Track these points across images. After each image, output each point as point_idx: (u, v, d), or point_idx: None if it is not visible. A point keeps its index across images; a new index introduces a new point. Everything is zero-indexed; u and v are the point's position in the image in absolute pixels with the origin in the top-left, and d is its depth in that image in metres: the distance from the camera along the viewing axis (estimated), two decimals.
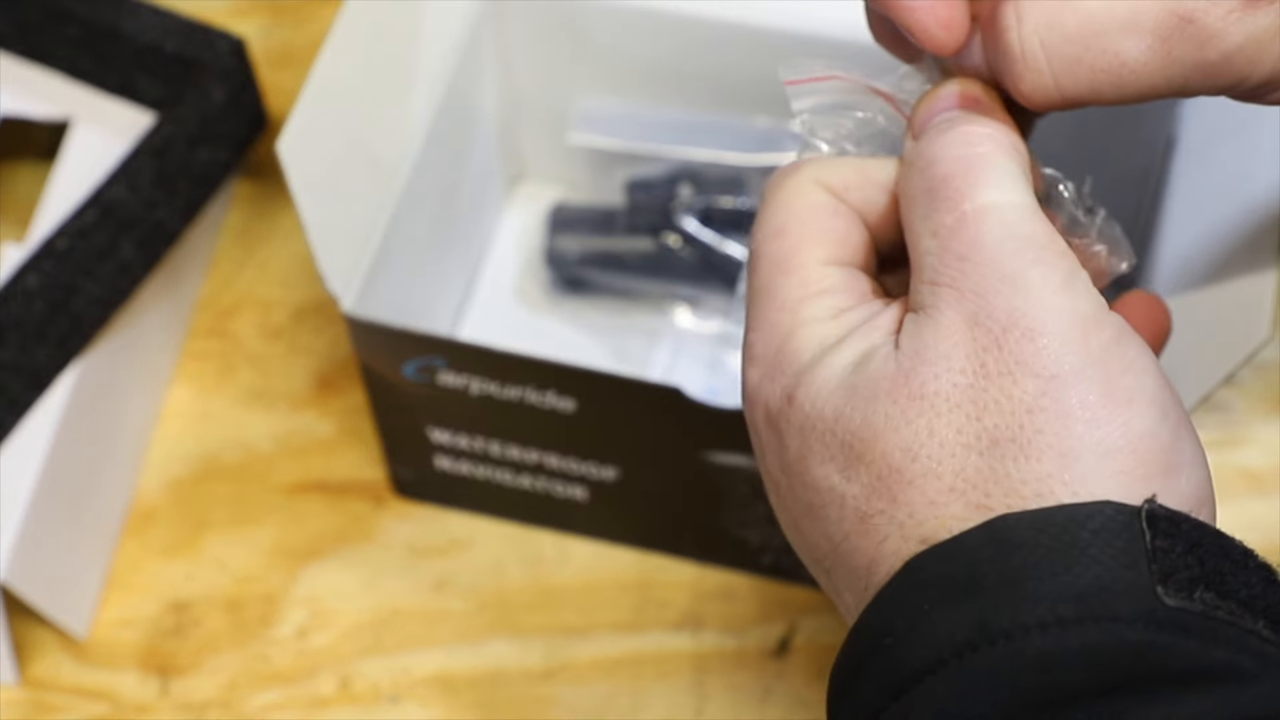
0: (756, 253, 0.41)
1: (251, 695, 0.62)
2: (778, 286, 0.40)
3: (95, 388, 0.63)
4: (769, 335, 0.39)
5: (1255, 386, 0.66)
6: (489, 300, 0.70)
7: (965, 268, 0.37)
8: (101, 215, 0.62)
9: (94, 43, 0.68)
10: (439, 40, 0.63)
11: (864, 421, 0.37)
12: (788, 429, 0.38)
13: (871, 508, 0.36)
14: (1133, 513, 0.34)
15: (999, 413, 0.35)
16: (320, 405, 0.68)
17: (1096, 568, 0.33)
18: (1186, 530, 0.34)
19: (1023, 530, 0.34)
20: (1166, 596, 0.33)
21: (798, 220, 0.40)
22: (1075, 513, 0.34)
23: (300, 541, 0.65)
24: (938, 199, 0.38)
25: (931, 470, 0.36)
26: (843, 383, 0.38)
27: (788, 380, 0.39)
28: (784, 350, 0.39)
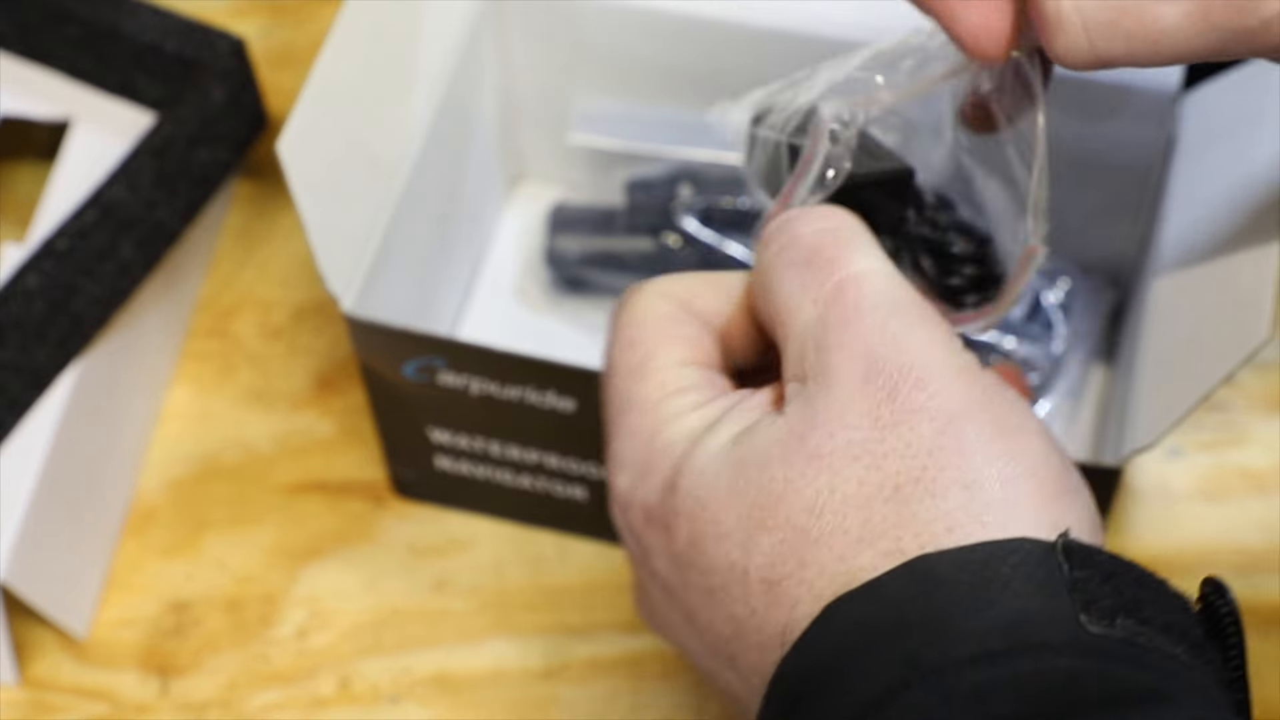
0: (610, 368, 0.42)
1: (251, 695, 0.62)
2: (635, 393, 0.41)
3: (95, 388, 0.63)
4: (633, 440, 0.40)
5: (1255, 386, 0.66)
6: (489, 300, 0.70)
7: (851, 330, 0.37)
8: (101, 215, 0.62)
9: (94, 43, 0.68)
10: (439, 40, 0.63)
11: (760, 489, 0.37)
12: (674, 519, 0.38)
13: (778, 574, 0.36)
14: (1049, 546, 0.35)
15: (899, 458, 0.36)
16: (320, 405, 0.68)
17: (1020, 600, 0.34)
18: (1101, 561, 0.35)
19: (943, 568, 0.34)
20: (1090, 624, 0.34)
21: (649, 329, 0.41)
22: (994, 549, 0.34)
23: (300, 541, 0.65)
24: (812, 268, 0.39)
25: (838, 525, 0.36)
26: (728, 459, 0.38)
27: (665, 473, 0.39)
28: (653, 447, 0.39)
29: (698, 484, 0.38)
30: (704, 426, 0.39)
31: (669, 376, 0.41)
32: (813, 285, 0.39)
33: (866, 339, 0.37)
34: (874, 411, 0.37)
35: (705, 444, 0.39)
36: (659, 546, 0.39)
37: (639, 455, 0.40)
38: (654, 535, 0.39)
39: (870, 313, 0.38)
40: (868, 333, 0.37)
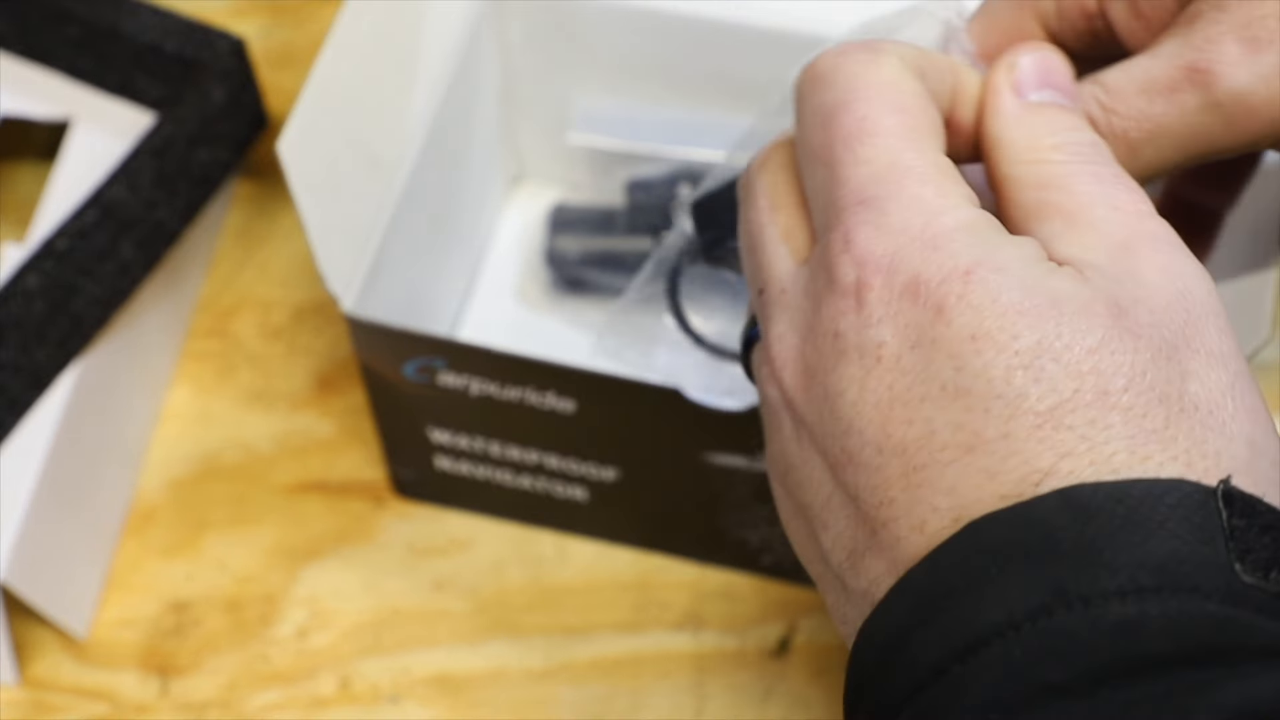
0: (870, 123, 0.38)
1: (251, 695, 0.62)
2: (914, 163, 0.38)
3: (95, 388, 0.63)
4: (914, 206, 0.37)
5: None
6: (489, 300, 0.70)
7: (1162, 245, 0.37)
8: (101, 215, 0.62)
9: (94, 43, 0.68)
10: (439, 40, 0.63)
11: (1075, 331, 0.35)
12: (957, 303, 0.35)
13: (1066, 419, 0.34)
14: (1209, 491, 0.34)
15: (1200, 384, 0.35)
16: (320, 405, 0.68)
17: (1174, 541, 0.33)
18: (1262, 511, 0.34)
19: (1100, 500, 0.33)
20: (1244, 574, 0.33)
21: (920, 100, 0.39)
22: (1152, 487, 0.34)
23: (300, 541, 0.65)
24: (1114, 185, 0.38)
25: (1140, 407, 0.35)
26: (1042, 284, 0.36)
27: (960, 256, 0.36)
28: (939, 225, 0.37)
29: (1000, 286, 0.35)
30: (991, 230, 0.37)
31: (943, 161, 0.38)
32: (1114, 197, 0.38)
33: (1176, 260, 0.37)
34: (1185, 325, 0.36)
35: (1005, 250, 0.36)
36: (904, 320, 0.36)
37: (918, 226, 0.36)
38: (905, 307, 0.36)
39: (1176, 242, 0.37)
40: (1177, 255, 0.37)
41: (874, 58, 0.39)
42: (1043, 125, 0.39)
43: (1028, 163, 0.39)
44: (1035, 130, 0.39)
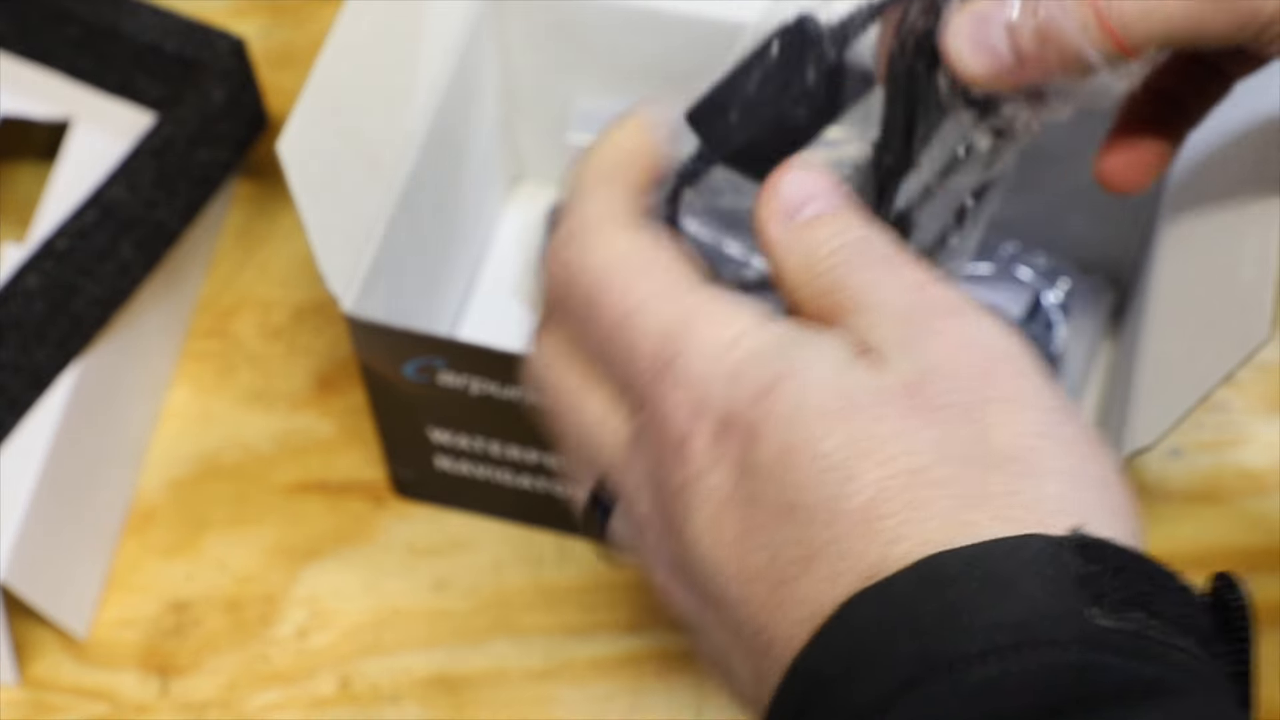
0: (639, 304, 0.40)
1: (251, 695, 0.62)
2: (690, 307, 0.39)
3: (95, 388, 0.63)
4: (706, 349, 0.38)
5: (1255, 386, 0.66)
6: (489, 300, 0.69)
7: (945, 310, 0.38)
8: (101, 215, 0.62)
9: (94, 43, 0.68)
10: (439, 40, 0.63)
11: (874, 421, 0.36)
12: (765, 424, 0.37)
13: (882, 510, 0.35)
14: (1058, 542, 0.35)
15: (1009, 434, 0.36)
16: (320, 405, 0.68)
17: (1029, 597, 0.34)
18: (1112, 554, 0.35)
19: (955, 566, 0.34)
20: (1099, 618, 0.34)
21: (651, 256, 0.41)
22: (1005, 546, 0.35)
23: (300, 542, 0.65)
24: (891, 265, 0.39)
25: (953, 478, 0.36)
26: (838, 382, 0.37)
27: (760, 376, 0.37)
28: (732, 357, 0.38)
29: (801, 394, 0.37)
30: (787, 339, 0.38)
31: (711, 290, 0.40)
32: (896, 277, 0.39)
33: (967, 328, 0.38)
34: (982, 380, 0.37)
35: (807, 356, 0.37)
36: (731, 456, 0.37)
37: (713, 366, 0.38)
38: (726, 444, 0.37)
39: (962, 303, 0.38)
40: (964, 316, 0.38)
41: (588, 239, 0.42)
42: (813, 243, 0.40)
43: (808, 283, 0.40)
44: (808, 250, 0.40)
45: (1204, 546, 0.63)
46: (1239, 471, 0.65)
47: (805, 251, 0.40)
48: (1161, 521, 0.63)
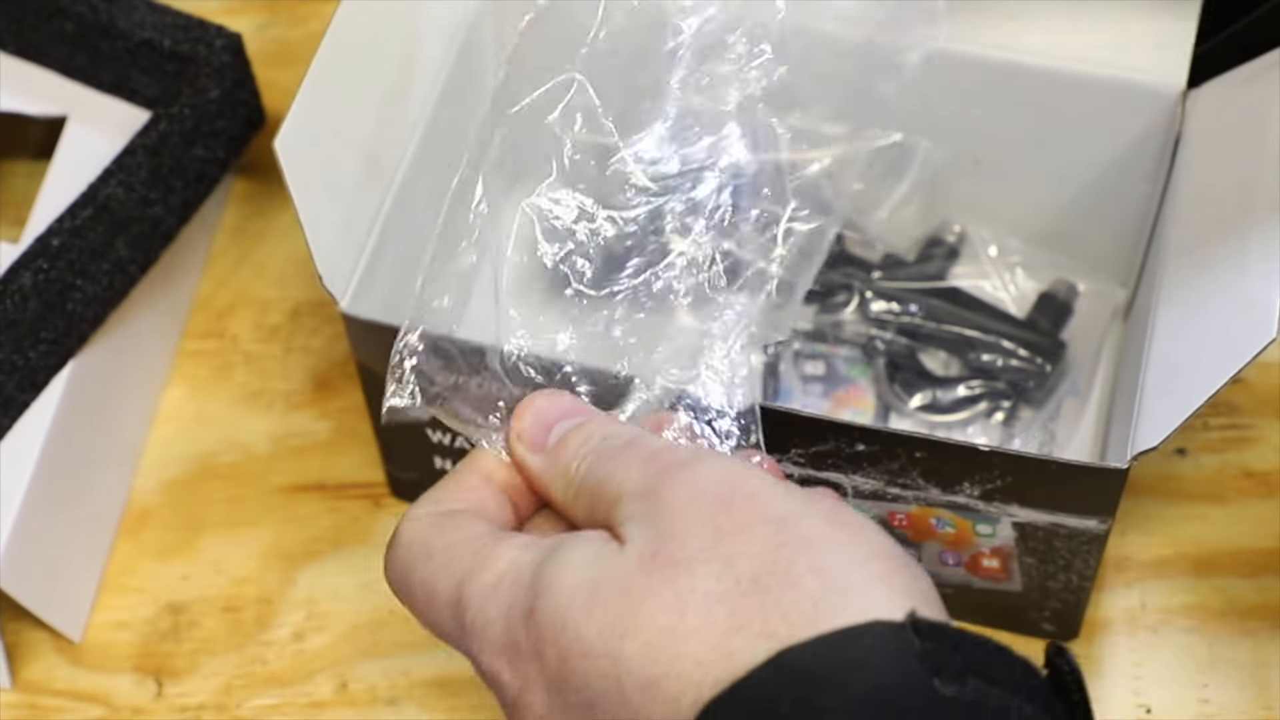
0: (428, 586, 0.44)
1: (248, 698, 0.61)
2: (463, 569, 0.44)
3: (90, 388, 0.63)
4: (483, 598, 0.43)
5: (1261, 387, 0.66)
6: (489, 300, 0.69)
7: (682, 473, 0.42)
8: (96, 213, 0.61)
9: (89, 40, 0.67)
10: (437, 38, 0.63)
11: (620, 601, 0.40)
12: (540, 644, 0.41)
13: (652, 674, 0.39)
14: (899, 625, 0.38)
15: (748, 558, 0.39)
16: (317, 405, 0.68)
17: (877, 675, 0.37)
18: (948, 633, 0.38)
19: (807, 659, 0.38)
20: (943, 687, 0.37)
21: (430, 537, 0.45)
22: (849, 634, 0.38)
23: (297, 543, 0.65)
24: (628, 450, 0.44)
25: (705, 619, 0.39)
26: (582, 580, 0.41)
27: (520, 603, 0.42)
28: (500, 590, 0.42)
29: (556, 605, 0.41)
30: (544, 555, 0.42)
31: (483, 537, 0.44)
32: (631, 459, 0.43)
33: (695, 475, 0.42)
34: (714, 522, 0.40)
35: (554, 568, 0.41)
36: (533, 677, 0.41)
37: (487, 608, 0.42)
38: (525, 668, 0.41)
39: (689, 458, 0.42)
40: (690, 470, 0.42)
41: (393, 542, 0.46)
42: (565, 461, 0.45)
43: (572, 497, 0.45)
44: (562, 470, 0.45)
45: (1210, 547, 0.63)
46: (1245, 472, 0.64)
47: (560, 472, 0.45)
48: (1167, 522, 0.63)
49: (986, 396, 0.64)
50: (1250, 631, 0.61)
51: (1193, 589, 0.62)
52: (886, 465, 0.54)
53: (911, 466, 0.54)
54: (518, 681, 0.42)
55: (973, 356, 0.64)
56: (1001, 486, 0.54)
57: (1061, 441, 0.63)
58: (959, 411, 0.64)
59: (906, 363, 0.65)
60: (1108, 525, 0.55)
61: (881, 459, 0.54)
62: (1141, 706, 0.59)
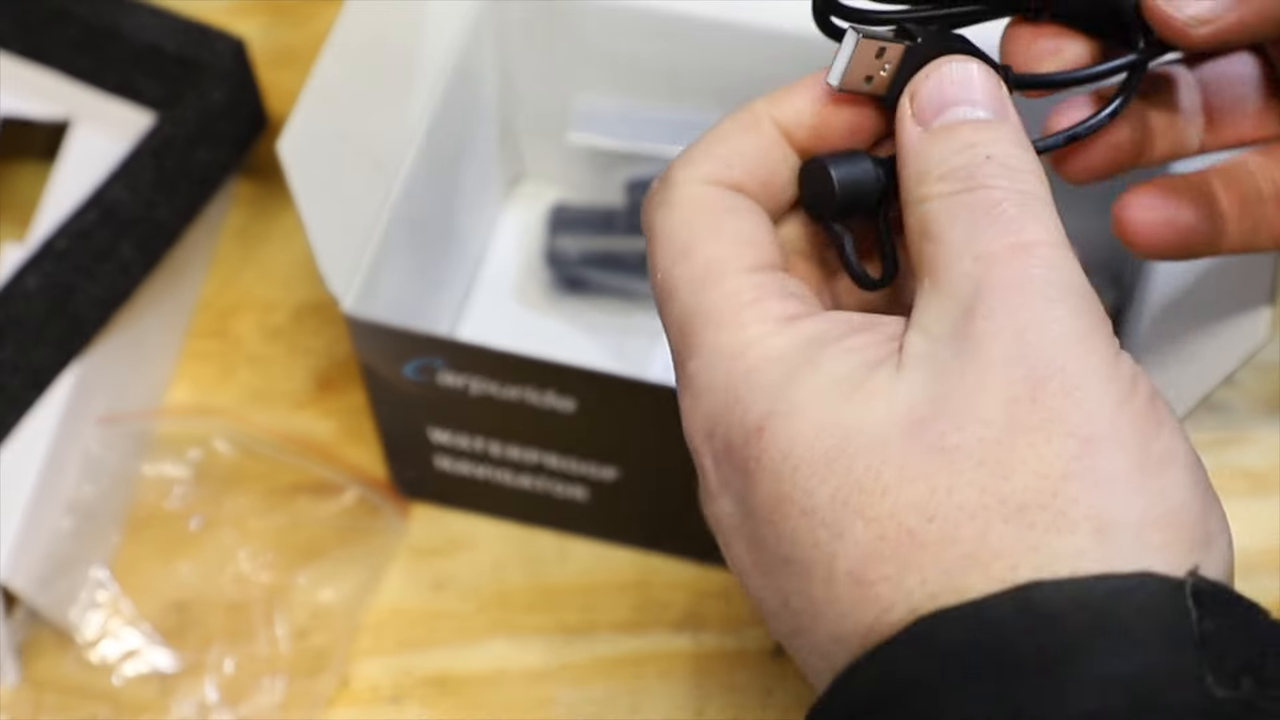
0: (668, 282, 0.37)
1: (252, 695, 0.62)
2: (706, 305, 0.36)
3: (95, 388, 0.63)
4: (713, 358, 0.35)
5: (1255, 387, 0.66)
6: (489, 300, 0.70)
7: (1010, 302, 0.33)
8: (101, 215, 0.62)
9: (94, 43, 0.68)
10: (438, 39, 0.63)
11: (867, 471, 0.33)
12: (758, 467, 0.34)
13: (873, 573, 0.33)
14: (1176, 586, 0.31)
15: (1029, 474, 0.32)
16: (320, 405, 0.68)
17: (1142, 652, 0.31)
18: (1230, 606, 0.32)
19: (1060, 603, 0.31)
20: (1215, 687, 0.31)
21: (701, 229, 0.37)
22: (1117, 585, 0.31)
23: (300, 541, 0.65)
24: (989, 220, 0.34)
25: (950, 534, 0.32)
26: (832, 419, 0.33)
27: (754, 408, 0.34)
28: (737, 372, 0.35)
29: (791, 438, 0.33)
30: (798, 354, 0.34)
31: (742, 284, 0.36)
32: (981, 239, 0.34)
33: (1023, 317, 0.33)
34: (1010, 408, 0.32)
35: (803, 384, 0.34)
36: (734, 487, 0.35)
37: (719, 379, 0.35)
38: (729, 473, 0.35)
39: (1035, 289, 0.33)
40: (1026, 311, 0.33)
41: (666, 197, 0.38)
42: (935, 154, 0.36)
43: (914, 203, 0.36)
44: (927, 161, 0.36)
45: None
46: (1239, 472, 0.65)
47: (924, 165, 0.36)
48: None
49: None
50: None
51: None
52: None
53: None
54: (718, 479, 0.35)
55: None
56: None
57: None
58: None
59: None
60: None
61: None
62: None
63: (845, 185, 0.37)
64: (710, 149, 0.38)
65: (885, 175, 0.37)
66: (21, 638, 0.62)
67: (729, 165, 0.37)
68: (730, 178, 0.37)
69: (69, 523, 0.62)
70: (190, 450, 0.66)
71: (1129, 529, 0.32)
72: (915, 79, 0.37)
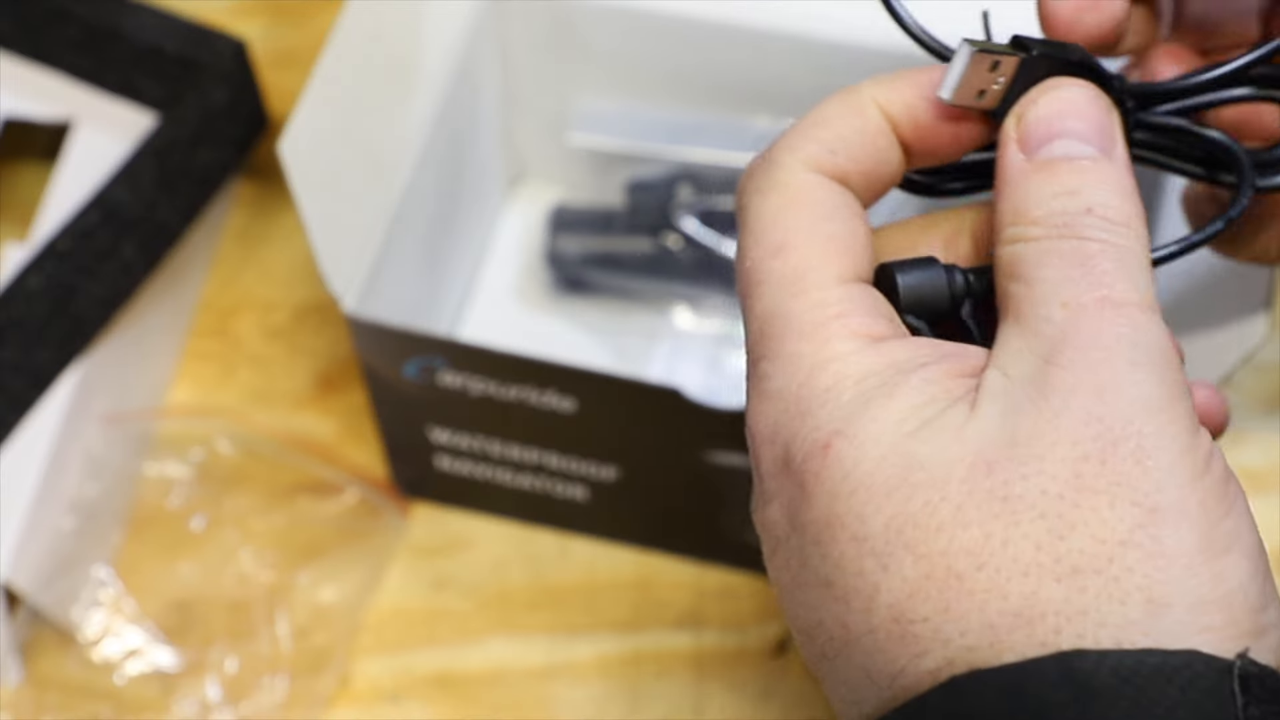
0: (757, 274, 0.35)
1: (253, 694, 0.62)
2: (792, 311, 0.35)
3: (97, 388, 0.63)
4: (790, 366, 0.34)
5: (1253, 386, 0.67)
6: (489, 300, 0.70)
7: (1091, 354, 0.32)
8: (103, 216, 0.62)
9: (95, 43, 0.68)
10: (439, 40, 0.63)
11: (924, 505, 0.32)
12: (816, 484, 0.33)
13: (914, 612, 0.32)
14: (1224, 669, 0.30)
15: (1088, 536, 0.31)
16: (321, 405, 0.68)
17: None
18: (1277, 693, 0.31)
19: (1104, 675, 0.30)
20: None
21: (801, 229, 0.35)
22: (1162, 663, 0.30)
23: (302, 541, 0.65)
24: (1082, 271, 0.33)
25: (999, 586, 0.31)
26: (897, 448, 0.33)
27: (824, 425, 0.33)
28: (812, 385, 0.34)
29: (854, 461, 0.33)
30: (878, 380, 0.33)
31: (831, 295, 0.35)
32: (1072, 287, 0.33)
33: (1103, 374, 0.32)
34: (1078, 466, 0.31)
35: (877, 409, 0.33)
36: (785, 497, 0.34)
37: (793, 388, 0.34)
38: (788, 485, 0.34)
39: (1120, 349, 0.32)
40: (1108, 369, 0.32)
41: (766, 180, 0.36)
42: (1034, 191, 0.35)
43: (1008, 242, 0.35)
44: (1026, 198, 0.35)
45: None
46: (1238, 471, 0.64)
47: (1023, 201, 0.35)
48: None
49: None
50: None
51: None
52: None
53: None
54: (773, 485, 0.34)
55: None
56: None
57: None
58: None
59: None
60: None
61: None
62: None
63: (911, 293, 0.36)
64: (813, 131, 0.36)
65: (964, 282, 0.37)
66: (24, 637, 0.62)
67: (833, 151, 0.36)
68: (835, 165, 0.36)
69: (71, 522, 0.62)
70: (192, 450, 0.66)
71: (1182, 607, 0.31)
72: (1023, 101, 0.36)
